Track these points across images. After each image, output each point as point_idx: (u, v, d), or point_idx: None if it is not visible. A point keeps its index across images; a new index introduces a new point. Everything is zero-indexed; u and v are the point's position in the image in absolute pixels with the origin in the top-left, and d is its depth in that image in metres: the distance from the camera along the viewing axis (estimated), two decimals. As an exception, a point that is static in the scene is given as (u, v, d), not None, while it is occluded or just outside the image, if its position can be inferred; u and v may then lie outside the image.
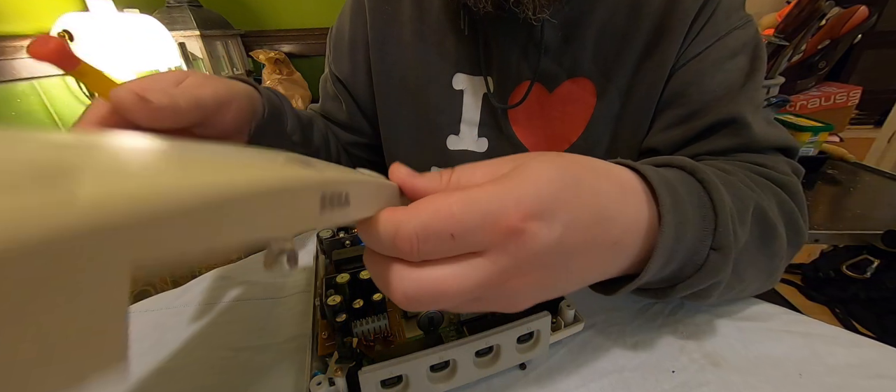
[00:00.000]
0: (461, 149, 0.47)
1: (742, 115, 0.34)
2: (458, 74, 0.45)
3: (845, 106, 0.96)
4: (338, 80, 0.49)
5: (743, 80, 0.37)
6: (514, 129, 0.45)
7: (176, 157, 0.09)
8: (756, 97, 0.37)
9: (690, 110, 0.37)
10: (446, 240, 0.15)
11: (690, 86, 0.37)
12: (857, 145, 1.05)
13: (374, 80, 0.47)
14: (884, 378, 0.25)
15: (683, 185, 0.23)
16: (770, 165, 0.33)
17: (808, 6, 0.72)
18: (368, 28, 0.46)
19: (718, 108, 0.35)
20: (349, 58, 0.48)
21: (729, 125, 0.35)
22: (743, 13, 0.38)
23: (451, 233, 0.15)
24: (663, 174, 0.22)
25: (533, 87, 0.41)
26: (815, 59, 0.91)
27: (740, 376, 0.25)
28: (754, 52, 0.38)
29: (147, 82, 0.25)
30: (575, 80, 0.42)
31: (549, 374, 0.26)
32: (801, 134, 0.79)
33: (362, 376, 0.20)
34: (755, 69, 0.37)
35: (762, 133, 0.35)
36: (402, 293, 0.16)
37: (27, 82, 1.03)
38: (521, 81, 0.42)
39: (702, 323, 0.29)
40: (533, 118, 0.44)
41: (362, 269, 0.27)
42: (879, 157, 1.32)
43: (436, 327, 0.27)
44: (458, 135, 0.47)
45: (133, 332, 0.31)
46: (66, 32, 0.99)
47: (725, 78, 0.36)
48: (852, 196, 0.74)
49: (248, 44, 1.46)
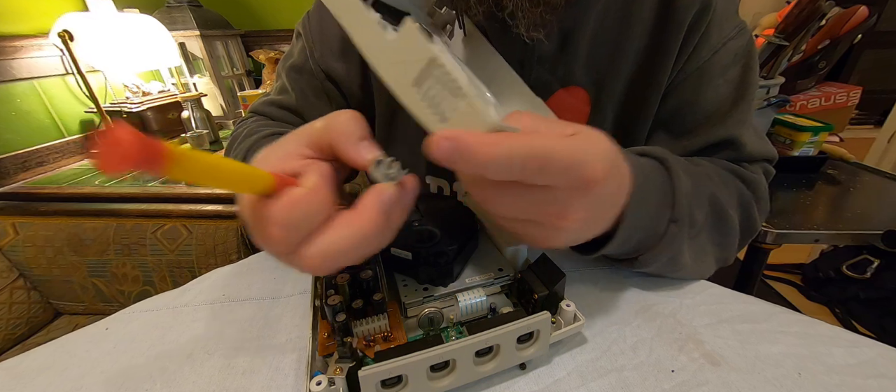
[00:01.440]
0: None
1: (735, 135, 0.38)
2: None
3: (845, 106, 0.96)
4: (328, 79, 0.46)
5: (735, 95, 0.38)
6: None
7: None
8: (748, 112, 0.39)
9: (685, 130, 0.39)
10: (537, 170, 0.18)
11: (685, 105, 0.39)
12: (857, 145, 1.05)
13: (374, 86, 0.46)
14: (883, 377, 0.25)
15: (652, 170, 0.29)
16: (744, 165, 0.38)
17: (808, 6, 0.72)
18: None
19: (713, 131, 0.38)
20: (342, 58, 0.45)
21: (724, 146, 0.38)
22: (736, 20, 0.39)
23: (543, 166, 0.18)
24: (639, 160, 0.28)
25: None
26: (815, 59, 0.91)
27: (740, 376, 0.25)
28: (746, 61, 0.38)
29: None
30: (568, 89, 0.42)
31: (549, 373, 0.26)
32: (801, 134, 0.79)
33: (362, 376, 0.20)
34: (748, 83, 0.38)
35: (753, 149, 0.38)
36: (508, 208, 0.20)
37: (27, 82, 1.03)
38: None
39: (702, 323, 0.29)
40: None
41: (362, 269, 0.27)
42: (879, 157, 1.32)
43: (436, 327, 0.27)
44: None
45: (133, 332, 0.31)
46: (66, 32, 0.99)
47: (718, 96, 0.38)
48: (852, 196, 0.74)
49: (248, 44, 1.46)
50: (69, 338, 0.31)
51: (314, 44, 0.45)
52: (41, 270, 0.88)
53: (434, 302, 0.28)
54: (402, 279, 0.29)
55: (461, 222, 0.32)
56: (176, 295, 0.35)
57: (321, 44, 0.45)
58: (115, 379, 0.27)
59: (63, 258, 0.87)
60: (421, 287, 0.28)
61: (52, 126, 1.09)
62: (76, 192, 0.92)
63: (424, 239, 0.30)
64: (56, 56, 1.08)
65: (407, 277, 0.30)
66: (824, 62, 0.92)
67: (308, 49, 0.46)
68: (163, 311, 0.34)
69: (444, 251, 0.28)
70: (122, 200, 0.89)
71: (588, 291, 0.33)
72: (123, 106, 1.12)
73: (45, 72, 1.07)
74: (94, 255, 0.86)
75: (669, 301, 0.32)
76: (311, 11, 0.46)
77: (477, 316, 0.27)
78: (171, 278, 0.87)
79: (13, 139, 1.00)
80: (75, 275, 0.88)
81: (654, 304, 0.31)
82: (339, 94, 0.47)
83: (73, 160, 1.12)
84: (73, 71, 1.07)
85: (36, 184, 0.97)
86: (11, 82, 1.00)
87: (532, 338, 0.25)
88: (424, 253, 0.28)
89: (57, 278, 0.89)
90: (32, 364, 0.29)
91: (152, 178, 0.95)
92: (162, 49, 1.15)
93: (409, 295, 0.28)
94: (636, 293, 0.33)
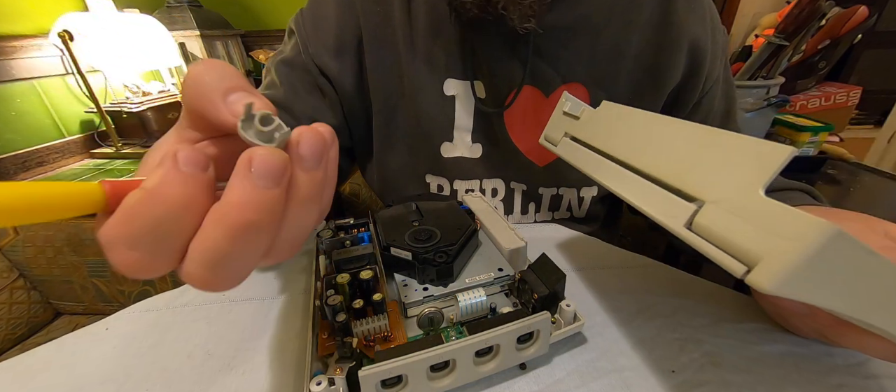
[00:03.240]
0: (455, 156, 0.47)
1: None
2: (448, 80, 0.44)
3: (845, 106, 0.96)
4: (322, 74, 0.44)
5: (726, 106, 0.46)
6: (509, 132, 0.45)
7: None
8: (738, 121, 0.48)
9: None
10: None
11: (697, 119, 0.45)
12: (857, 145, 1.05)
13: (371, 86, 0.45)
14: (883, 377, 0.25)
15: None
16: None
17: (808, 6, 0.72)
18: (362, 29, 0.43)
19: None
20: (336, 57, 0.44)
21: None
22: (721, 25, 0.45)
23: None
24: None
25: (522, 89, 0.42)
26: (815, 59, 0.91)
27: (740, 376, 0.25)
28: (726, 60, 0.46)
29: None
30: (570, 85, 0.42)
31: (549, 373, 0.26)
32: (801, 134, 0.79)
33: (362, 376, 0.20)
34: (731, 81, 0.46)
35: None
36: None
37: (27, 82, 1.03)
38: (515, 85, 0.42)
39: (702, 323, 0.29)
40: (528, 121, 0.44)
41: (362, 268, 0.28)
42: (879, 157, 1.32)
43: (436, 327, 0.27)
44: (451, 141, 0.46)
45: (133, 332, 0.31)
46: (66, 32, 0.99)
47: (711, 104, 0.46)
48: (852, 196, 0.74)
49: (248, 44, 1.46)
50: (69, 338, 0.31)
51: (308, 39, 0.44)
52: (41, 270, 0.88)
53: (434, 302, 0.28)
54: (402, 279, 0.29)
55: (461, 222, 0.32)
56: (176, 295, 0.35)
57: (316, 40, 0.44)
58: (115, 379, 0.27)
59: (63, 258, 0.87)
60: (421, 287, 0.28)
61: (52, 126, 1.09)
62: (76, 192, 0.92)
63: (424, 239, 0.30)
64: (56, 56, 1.08)
65: (407, 277, 0.30)
66: (824, 62, 0.92)
67: (301, 44, 0.44)
68: (163, 311, 0.34)
69: (444, 251, 0.28)
70: (122, 200, 0.89)
71: (588, 291, 0.33)
72: (123, 106, 1.12)
73: (45, 72, 1.07)
74: (94, 255, 0.86)
75: (669, 301, 0.32)
76: (304, 9, 0.45)
77: (477, 316, 0.27)
78: (171, 278, 0.86)
79: (13, 139, 1.00)
80: (75, 275, 0.88)
81: (654, 304, 0.31)
82: (333, 91, 0.45)
83: (73, 160, 1.12)
84: (73, 71, 1.07)
85: (36, 184, 0.97)
86: (11, 82, 1.00)
87: (532, 338, 0.25)
88: (424, 253, 0.28)
89: (57, 278, 0.89)
90: (32, 364, 0.29)
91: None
92: (162, 49, 1.15)
93: (409, 295, 0.28)
94: (636, 293, 0.33)
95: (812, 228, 0.13)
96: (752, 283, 0.14)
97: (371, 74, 0.45)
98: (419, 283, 0.29)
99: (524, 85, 0.42)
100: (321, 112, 0.45)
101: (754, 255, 0.14)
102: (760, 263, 0.14)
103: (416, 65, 0.43)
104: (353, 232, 0.33)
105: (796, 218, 0.13)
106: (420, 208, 0.35)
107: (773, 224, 0.14)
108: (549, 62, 0.41)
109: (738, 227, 0.15)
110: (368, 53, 0.44)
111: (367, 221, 0.35)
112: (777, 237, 0.13)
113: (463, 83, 0.44)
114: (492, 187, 0.49)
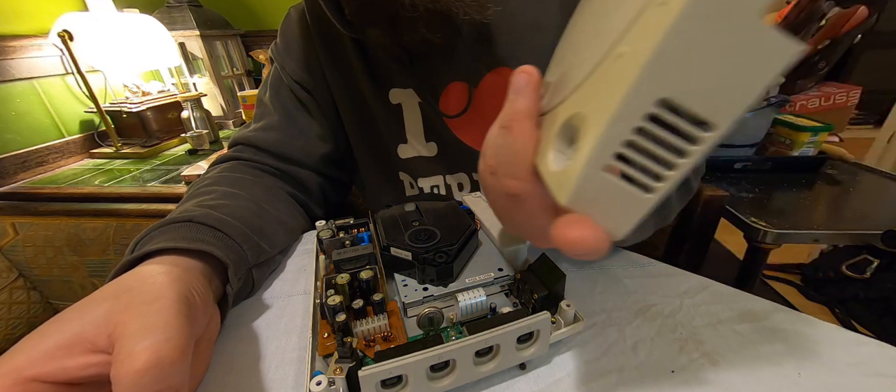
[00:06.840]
0: (413, 156, 0.49)
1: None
2: (392, 90, 0.46)
3: (845, 106, 0.96)
4: (303, 90, 0.48)
5: None
6: (456, 133, 0.47)
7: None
8: None
9: None
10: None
11: None
12: (857, 145, 1.05)
13: (335, 97, 0.48)
14: (883, 376, 0.25)
15: None
16: None
17: (808, 6, 0.72)
18: (318, 48, 0.46)
19: None
20: (308, 72, 0.48)
21: None
22: None
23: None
24: None
25: (448, 86, 0.43)
26: (814, 59, 0.91)
27: (740, 376, 0.25)
28: None
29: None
30: (496, 70, 0.43)
31: (549, 373, 0.26)
32: (801, 134, 0.79)
33: (362, 376, 0.20)
34: None
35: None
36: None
37: (27, 82, 1.03)
38: (447, 83, 0.44)
39: (701, 323, 0.29)
40: (468, 117, 0.45)
41: (362, 268, 0.28)
42: (879, 157, 1.32)
43: (436, 327, 0.27)
44: (406, 143, 0.49)
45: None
46: (66, 32, 0.99)
47: None
48: (852, 196, 0.74)
49: (248, 44, 1.46)
50: (69, 338, 0.31)
51: (284, 60, 0.49)
52: (41, 270, 0.88)
53: (434, 302, 0.28)
54: (402, 279, 0.29)
55: (461, 222, 0.32)
56: (176, 295, 0.35)
57: (289, 60, 0.48)
58: (115, 379, 0.27)
59: (63, 258, 0.87)
60: (421, 287, 0.28)
61: (51, 126, 1.09)
62: (76, 191, 0.92)
63: (424, 239, 0.30)
64: (56, 56, 1.08)
65: (407, 277, 0.30)
66: (824, 62, 0.92)
67: (280, 67, 0.49)
68: (163, 311, 0.34)
69: (444, 251, 0.28)
70: (122, 200, 0.89)
71: (588, 291, 0.33)
72: (123, 106, 1.12)
73: (45, 72, 1.07)
74: (94, 255, 0.86)
75: (669, 301, 0.32)
76: (277, 37, 0.50)
77: (477, 316, 0.27)
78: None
79: (13, 139, 1.00)
80: (75, 275, 0.88)
81: (654, 304, 0.31)
82: (315, 102, 0.49)
83: (72, 160, 1.12)
84: (73, 71, 1.07)
85: (36, 184, 0.97)
86: (11, 82, 1.00)
87: (532, 338, 0.25)
88: (424, 253, 0.28)
89: (57, 278, 0.89)
90: (32, 364, 0.29)
91: (153, 178, 0.95)
92: (162, 49, 1.15)
93: (409, 295, 0.28)
94: (636, 293, 0.33)
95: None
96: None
97: (333, 89, 0.48)
98: (419, 283, 0.29)
99: (451, 82, 0.44)
100: (312, 125, 0.49)
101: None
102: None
103: (364, 75, 0.46)
104: (353, 232, 0.33)
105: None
106: (420, 208, 0.35)
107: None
108: (471, 53, 0.43)
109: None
110: (326, 68, 0.47)
111: (367, 221, 0.35)
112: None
113: (405, 91, 0.46)
114: (457, 182, 0.50)
